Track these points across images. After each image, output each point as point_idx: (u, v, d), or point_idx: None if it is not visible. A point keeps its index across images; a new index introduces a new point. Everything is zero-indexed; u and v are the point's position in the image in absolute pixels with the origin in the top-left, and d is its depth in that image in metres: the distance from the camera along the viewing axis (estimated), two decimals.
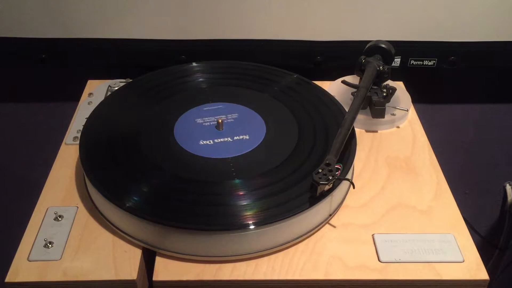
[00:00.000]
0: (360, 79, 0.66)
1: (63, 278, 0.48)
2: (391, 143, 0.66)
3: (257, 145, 0.58)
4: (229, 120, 0.62)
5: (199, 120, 0.62)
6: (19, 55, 0.78)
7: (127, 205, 0.50)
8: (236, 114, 0.63)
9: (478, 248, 0.52)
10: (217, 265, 0.50)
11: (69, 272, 0.49)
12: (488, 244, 1.07)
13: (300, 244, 0.52)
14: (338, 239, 0.53)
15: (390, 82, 0.69)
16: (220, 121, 0.60)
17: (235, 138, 0.59)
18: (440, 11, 0.75)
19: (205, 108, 0.64)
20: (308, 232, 0.53)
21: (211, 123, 0.61)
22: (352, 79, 0.71)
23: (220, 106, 0.64)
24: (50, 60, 0.78)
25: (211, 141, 0.59)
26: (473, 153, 0.97)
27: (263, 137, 0.60)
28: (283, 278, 0.49)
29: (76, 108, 0.71)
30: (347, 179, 0.53)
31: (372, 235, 0.53)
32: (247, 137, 0.60)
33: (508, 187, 1.01)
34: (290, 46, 0.78)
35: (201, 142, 0.58)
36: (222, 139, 0.59)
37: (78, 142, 0.60)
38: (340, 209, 0.56)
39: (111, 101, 0.66)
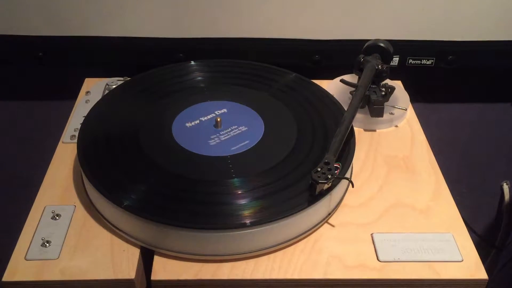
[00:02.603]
0: (359, 78, 0.66)
1: (61, 277, 0.48)
2: (390, 142, 0.66)
3: (255, 143, 0.58)
4: (227, 119, 0.62)
5: (197, 119, 0.62)
6: (16, 53, 0.78)
7: (125, 203, 0.50)
8: (235, 113, 0.63)
9: (475, 247, 0.52)
10: (216, 264, 0.50)
11: (67, 271, 0.49)
12: (485, 243, 1.07)
13: (299, 243, 0.52)
14: (337, 238, 0.53)
15: (388, 81, 0.69)
16: (218, 119, 0.60)
17: (234, 136, 0.59)
18: (439, 11, 0.75)
19: (203, 107, 0.64)
20: (307, 231, 0.53)
21: (210, 122, 0.61)
22: (350, 78, 0.71)
23: (219, 105, 0.64)
24: (47, 58, 0.78)
25: (209, 139, 0.59)
26: (470, 153, 0.97)
27: (261, 136, 0.59)
28: (282, 277, 0.49)
29: (73, 107, 0.70)
30: (346, 178, 0.53)
31: (371, 234, 0.53)
32: (246, 135, 0.59)
33: (505, 186, 1.01)
34: (289, 45, 0.77)
35: (199, 141, 0.58)
36: (220, 138, 0.59)
37: (75, 140, 0.60)
38: (339, 208, 0.56)
39: (108, 100, 0.65)
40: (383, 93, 0.66)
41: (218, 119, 0.60)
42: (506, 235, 1.04)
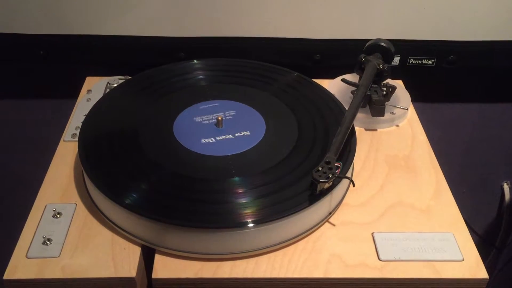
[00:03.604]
0: (360, 77, 0.66)
1: (62, 275, 0.48)
2: (391, 142, 0.66)
3: (256, 143, 0.58)
4: (228, 118, 0.62)
5: (198, 118, 0.62)
6: (17, 51, 0.78)
7: (126, 202, 0.50)
8: (236, 112, 0.63)
9: (476, 247, 0.52)
10: (217, 263, 0.50)
11: (68, 269, 0.49)
12: (486, 243, 1.07)
13: (299, 242, 0.52)
14: (338, 237, 0.53)
15: (389, 81, 0.69)
16: (219, 118, 0.60)
17: (235, 135, 0.59)
18: (440, 10, 0.75)
19: (204, 106, 0.64)
20: (307, 230, 0.53)
21: (211, 121, 0.61)
22: (352, 77, 0.71)
23: (220, 104, 0.64)
24: (49, 57, 0.78)
25: (210, 138, 0.59)
26: (471, 152, 0.97)
27: (263, 135, 0.59)
28: (283, 276, 0.49)
29: (74, 105, 0.70)
30: (347, 177, 0.53)
31: (372, 233, 0.53)
32: (247, 134, 0.59)
33: (505, 186, 1.01)
34: (290, 44, 0.77)
35: (200, 140, 0.58)
36: (221, 137, 0.59)
37: (76, 139, 0.60)
38: (340, 207, 0.56)
39: (109, 98, 0.66)
40: (384, 92, 0.66)
41: (219, 118, 0.60)
42: (506, 234, 1.04)
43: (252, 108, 0.64)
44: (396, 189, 0.59)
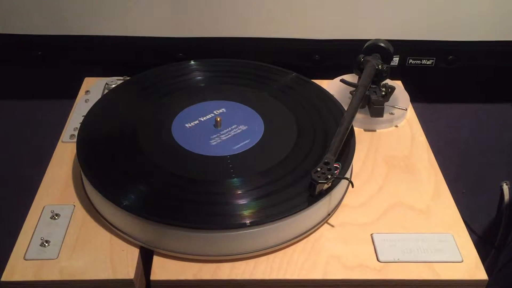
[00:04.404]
0: (359, 78, 0.66)
1: (60, 277, 0.48)
2: (390, 142, 0.66)
3: (255, 143, 0.58)
4: (227, 118, 0.62)
5: (197, 119, 0.62)
6: (15, 52, 0.78)
7: (125, 203, 0.50)
8: (234, 113, 0.63)
9: (475, 248, 0.52)
10: (215, 265, 0.50)
11: (66, 271, 0.49)
12: (485, 243, 1.07)
13: (298, 244, 0.52)
14: (337, 238, 0.53)
15: (388, 81, 0.69)
16: (218, 119, 0.60)
17: (233, 136, 0.59)
18: (439, 10, 0.75)
19: (203, 106, 0.64)
20: (306, 231, 0.52)
21: (209, 121, 0.61)
22: (350, 78, 0.71)
23: (218, 105, 0.64)
24: (47, 57, 0.78)
25: (209, 139, 0.58)
26: (470, 153, 0.97)
27: (261, 136, 0.59)
28: (282, 277, 0.49)
29: (73, 106, 0.70)
30: (346, 178, 0.53)
31: (371, 234, 0.53)
32: (246, 135, 0.59)
33: (505, 186, 1.01)
34: (289, 45, 0.77)
35: (199, 141, 0.58)
36: (220, 138, 0.59)
37: (75, 140, 0.59)
38: (339, 208, 0.56)
39: (108, 99, 0.65)
40: (383, 93, 0.66)
41: (218, 119, 0.60)
42: (506, 235, 1.04)
43: (251, 108, 0.63)
44: (395, 189, 0.59)
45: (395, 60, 0.78)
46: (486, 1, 0.74)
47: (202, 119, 0.61)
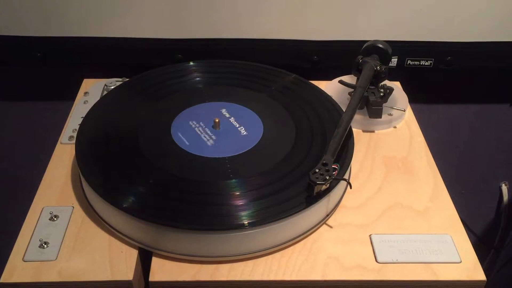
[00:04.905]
0: (357, 79, 0.66)
1: (59, 278, 0.48)
2: (388, 143, 0.66)
3: (254, 145, 0.58)
4: (226, 120, 0.62)
5: (195, 120, 0.62)
6: (14, 53, 0.78)
7: (124, 205, 0.50)
8: (233, 114, 0.63)
9: (474, 248, 0.52)
10: (214, 266, 0.50)
11: (65, 272, 0.49)
12: (484, 244, 1.07)
13: (297, 245, 0.52)
14: (335, 239, 0.53)
15: (387, 82, 0.69)
16: (217, 120, 0.60)
17: (232, 137, 0.59)
18: (437, 12, 0.75)
19: (202, 108, 0.64)
20: (305, 232, 0.53)
21: (208, 123, 0.61)
22: (349, 79, 0.71)
23: (217, 106, 0.64)
24: (46, 59, 0.78)
25: (208, 140, 0.59)
26: (469, 153, 0.97)
27: (260, 137, 0.59)
28: (280, 278, 0.49)
29: (71, 107, 0.70)
30: (344, 179, 0.53)
31: (369, 235, 0.53)
32: (244, 136, 0.59)
33: (503, 187, 1.01)
34: (287, 46, 0.77)
35: (197, 142, 0.58)
36: (218, 139, 0.59)
37: (74, 141, 0.60)
38: (337, 209, 0.56)
39: (107, 100, 0.65)
40: (381, 94, 0.66)
41: (217, 120, 0.60)
42: (504, 235, 1.04)
43: (250, 110, 0.64)
44: (394, 190, 0.59)
45: (394, 61, 0.78)
46: (484, 2, 0.74)
47: (201, 121, 0.62)
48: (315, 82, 0.70)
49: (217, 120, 0.60)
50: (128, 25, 0.76)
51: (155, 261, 0.50)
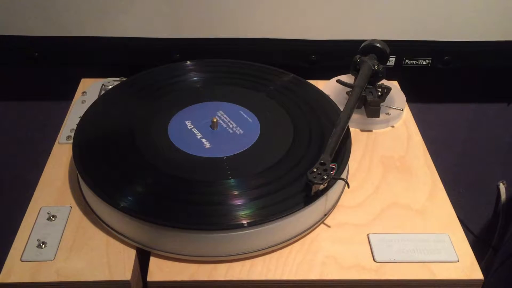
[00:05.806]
0: (355, 78, 0.66)
1: (56, 278, 0.48)
2: (386, 143, 0.66)
3: (251, 144, 0.58)
4: (223, 120, 0.62)
5: (193, 120, 0.62)
6: (11, 53, 0.78)
7: (121, 205, 0.50)
8: (231, 114, 0.63)
9: (472, 247, 0.52)
10: (212, 265, 0.50)
11: (63, 272, 0.49)
12: (482, 243, 1.07)
13: (295, 244, 0.52)
14: (333, 239, 0.53)
15: (384, 82, 0.69)
16: (214, 120, 0.60)
17: (230, 137, 0.59)
18: (435, 11, 0.75)
19: (199, 107, 0.64)
20: (303, 232, 0.53)
21: (206, 123, 0.61)
22: (347, 78, 0.71)
23: (215, 106, 0.64)
24: (43, 59, 0.78)
25: (205, 140, 0.58)
26: (466, 153, 0.97)
27: (258, 137, 0.59)
28: (278, 278, 0.49)
29: (69, 107, 0.70)
30: (342, 179, 0.53)
31: (367, 235, 0.53)
32: (242, 136, 0.59)
33: (501, 186, 1.01)
34: (285, 45, 0.77)
35: (195, 142, 0.58)
36: (216, 139, 0.59)
37: (71, 141, 0.59)
38: (335, 208, 0.56)
39: (105, 100, 0.65)
40: (379, 93, 0.66)
41: (214, 120, 0.60)
42: (502, 235, 1.04)
43: (247, 109, 0.64)
44: (392, 190, 0.59)
45: (391, 60, 0.78)
46: (481, 1, 0.74)
47: (199, 120, 0.61)
48: (313, 82, 0.70)
49: (214, 120, 0.60)
50: (126, 25, 0.76)
51: (153, 261, 0.50)
